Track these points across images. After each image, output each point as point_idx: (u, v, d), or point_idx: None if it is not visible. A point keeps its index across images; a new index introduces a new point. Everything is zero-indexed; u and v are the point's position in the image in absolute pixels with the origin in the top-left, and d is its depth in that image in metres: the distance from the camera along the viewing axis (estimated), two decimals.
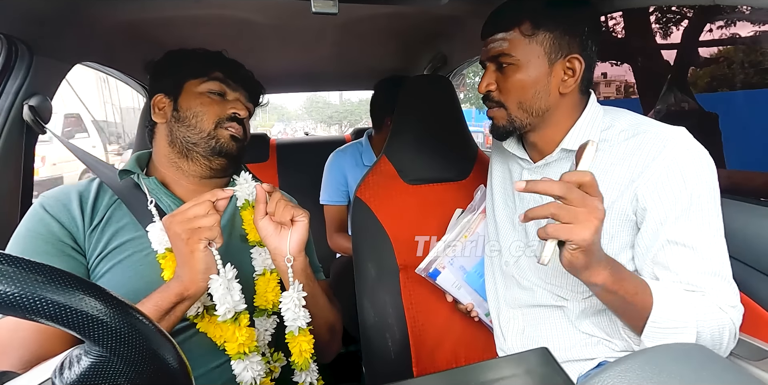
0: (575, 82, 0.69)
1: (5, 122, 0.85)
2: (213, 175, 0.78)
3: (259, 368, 0.69)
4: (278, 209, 0.70)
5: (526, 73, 0.68)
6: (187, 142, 0.74)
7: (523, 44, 0.68)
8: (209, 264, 0.63)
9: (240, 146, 0.78)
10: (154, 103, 0.78)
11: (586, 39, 0.68)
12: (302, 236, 0.71)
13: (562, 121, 0.72)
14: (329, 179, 1.60)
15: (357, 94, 30.22)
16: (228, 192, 0.65)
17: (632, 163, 0.65)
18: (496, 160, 0.91)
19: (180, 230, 0.61)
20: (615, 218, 0.67)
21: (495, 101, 0.73)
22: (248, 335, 0.68)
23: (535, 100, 0.70)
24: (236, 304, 0.66)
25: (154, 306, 0.60)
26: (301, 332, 0.71)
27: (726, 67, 1.92)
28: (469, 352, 0.99)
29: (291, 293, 0.70)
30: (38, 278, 0.27)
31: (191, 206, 0.63)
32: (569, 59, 0.68)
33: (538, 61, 0.68)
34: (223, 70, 0.78)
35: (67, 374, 0.30)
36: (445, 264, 0.89)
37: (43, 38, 0.86)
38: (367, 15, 1.12)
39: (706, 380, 0.29)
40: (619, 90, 2.89)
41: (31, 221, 0.67)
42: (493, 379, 0.47)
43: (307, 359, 0.72)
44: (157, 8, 1.00)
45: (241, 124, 0.77)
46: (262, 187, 0.71)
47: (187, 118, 0.74)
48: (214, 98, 0.76)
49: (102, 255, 0.68)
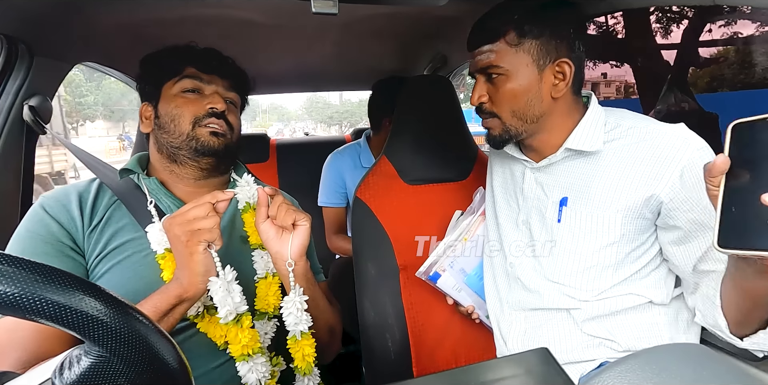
0: (566, 86, 0.69)
1: (5, 122, 0.85)
2: (206, 175, 0.77)
3: (264, 369, 0.69)
4: (280, 213, 0.69)
5: (517, 82, 0.68)
6: (172, 148, 0.73)
7: (510, 54, 0.68)
8: (208, 266, 0.62)
9: (226, 141, 0.75)
10: (141, 114, 0.77)
11: (573, 40, 0.68)
12: (303, 240, 0.70)
13: (559, 125, 0.72)
14: (327, 181, 1.60)
15: (357, 95, 30.26)
16: (228, 194, 0.65)
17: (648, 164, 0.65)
18: (495, 161, 0.91)
19: (180, 232, 0.61)
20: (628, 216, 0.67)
21: (488, 112, 0.73)
22: (251, 336, 0.68)
23: (529, 108, 0.70)
24: (237, 306, 0.66)
25: (152, 307, 0.59)
26: (304, 336, 0.71)
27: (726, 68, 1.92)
28: (469, 352, 0.99)
29: (293, 297, 0.70)
30: (38, 279, 0.27)
31: (191, 207, 0.63)
32: (558, 63, 0.68)
33: (527, 69, 0.68)
34: (195, 64, 0.75)
35: (67, 375, 0.30)
36: (445, 267, 0.88)
37: (43, 38, 0.86)
38: (367, 15, 1.12)
39: (707, 380, 0.29)
40: (619, 90, 2.89)
41: (31, 222, 0.67)
42: (494, 379, 0.47)
43: (309, 364, 0.72)
44: (157, 8, 1.00)
45: (221, 117, 0.74)
46: (264, 191, 0.70)
47: (166, 123, 0.73)
48: (189, 97, 0.74)
49: (101, 256, 0.68)
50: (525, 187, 0.80)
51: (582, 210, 0.71)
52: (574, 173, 0.73)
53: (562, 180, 0.74)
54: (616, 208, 0.67)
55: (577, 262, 0.71)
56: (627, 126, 0.69)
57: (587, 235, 0.70)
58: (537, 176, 0.78)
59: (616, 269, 0.69)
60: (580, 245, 0.71)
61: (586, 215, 0.70)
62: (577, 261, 0.71)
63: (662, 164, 0.64)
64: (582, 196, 0.71)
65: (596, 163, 0.70)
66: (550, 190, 0.76)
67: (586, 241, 0.70)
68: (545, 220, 0.76)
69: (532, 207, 0.79)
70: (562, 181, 0.74)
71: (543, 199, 0.77)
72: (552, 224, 0.75)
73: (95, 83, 23.96)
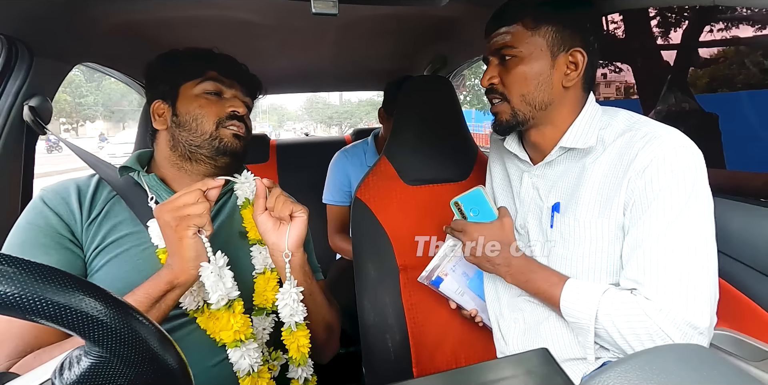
0: (578, 76, 0.69)
1: (5, 123, 0.86)
2: (217, 173, 0.78)
3: (256, 355, 0.69)
4: (278, 205, 0.70)
5: (529, 65, 0.69)
6: (191, 146, 0.75)
7: (526, 37, 0.68)
8: (199, 252, 0.63)
9: (244, 144, 0.78)
10: (154, 110, 0.78)
11: (588, 35, 0.69)
12: (301, 231, 0.71)
13: (564, 118, 0.72)
14: (332, 179, 1.60)
15: (357, 95, 30.29)
16: (219, 181, 0.66)
17: (623, 162, 0.65)
18: (494, 162, 0.91)
19: (169, 218, 0.62)
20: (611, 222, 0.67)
21: (498, 93, 0.73)
22: (243, 322, 0.68)
23: (538, 93, 0.70)
24: (229, 291, 0.67)
25: (144, 294, 0.60)
26: (299, 327, 0.72)
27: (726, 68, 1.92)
28: (469, 353, 0.99)
29: (288, 288, 0.71)
30: (38, 279, 0.27)
31: (181, 194, 0.64)
32: (572, 53, 0.68)
33: (541, 53, 0.68)
34: (216, 68, 0.78)
35: (67, 375, 0.30)
36: (447, 271, 0.88)
37: (43, 39, 0.86)
38: (367, 16, 1.12)
39: (707, 381, 0.29)
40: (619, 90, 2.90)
41: (31, 214, 0.68)
42: (494, 379, 0.47)
43: (304, 355, 0.72)
44: (157, 9, 1.00)
45: (242, 121, 0.77)
46: (262, 182, 0.71)
47: (188, 122, 0.74)
48: (211, 99, 0.76)
49: (99, 248, 0.68)
50: (522, 192, 0.80)
51: (570, 216, 0.71)
52: (566, 178, 0.73)
53: (557, 185, 0.74)
54: (599, 213, 0.67)
55: (571, 267, 0.71)
56: (617, 127, 0.69)
57: (577, 241, 0.70)
58: (534, 181, 0.78)
59: (609, 272, 0.69)
60: (571, 250, 0.71)
61: (574, 221, 0.70)
62: (571, 266, 0.71)
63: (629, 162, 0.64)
64: (571, 202, 0.71)
65: (584, 168, 0.70)
66: (545, 195, 0.76)
67: (577, 246, 0.70)
68: (541, 224, 0.76)
69: (529, 211, 0.79)
70: (557, 187, 0.74)
71: (539, 203, 0.77)
72: (546, 228, 0.75)
73: (95, 83, 23.98)
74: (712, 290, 0.59)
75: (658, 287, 0.60)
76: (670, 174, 0.61)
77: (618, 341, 0.63)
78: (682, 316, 0.58)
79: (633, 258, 0.63)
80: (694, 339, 0.59)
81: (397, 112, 1.06)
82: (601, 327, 0.64)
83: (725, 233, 0.70)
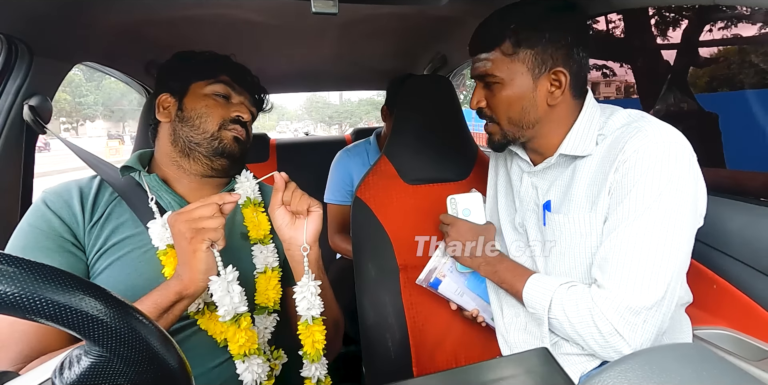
0: (562, 93, 0.69)
1: (5, 122, 0.85)
2: (214, 174, 0.78)
3: (260, 370, 0.69)
4: (295, 198, 0.70)
5: (511, 90, 0.70)
6: (190, 142, 0.75)
7: (505, 63, 0.69)
8: (210, 265, 0.63)
9: (242, 148, 0.78)
10: (159, 102, 0.79)
11: (571, 48, 0.68)
12: (317, 226, 0.71)
13: (557, 129, 0.72)
14: (334, 178, 1.60)
15: (357, 95, 30.26)
16: (235, 196, 0.66)
17: (610, 156, 0.66)
18: (497, 161, 0.92)
19: (184, 229, 0.62)
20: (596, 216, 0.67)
21: (487, 116, 0.75)
22: (248, 336, 0.68)
23: (524, 115, 0.71)
24: (237, 306, 0.67)
25: (153, 304, 0.60)
26: (315, 321, 0.71)
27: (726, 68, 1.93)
28: (469, 352, 0.99)
29: (306, 281, 0.70)
30: (38, 278, 0.27)
31: (198, 206, 0.63)
32: (554, 72, 0.68)
33: (522, 77, 0.69)
34: (230, 74, 0.79)
35: (67, 375, 0.30)
36: (445, 272, 0.88)
37: (43, 38, 0.86)
38: (367, 15, 1.12)
39: (706, 380, 0.29)
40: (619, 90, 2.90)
41: (33, 217, 0.67)
42: (494, 379, 0.47)
43: (318, 351, 0.72)
44: (157, 8, 1.00)
45: (244, 126, 0.78)
46: (280, 176, 0.70)
47: (191, 118, 0.75)
48: (219, 100, 0.77)
49: (101, 251, 0.68)
50: (522, 191, 0.81)
51: (561, 213, 0.71)
52: (562, 177, 0.74)
53: (554, 184, 0.75)
54: (591, 208, 0.68)
55: (567, 264, 0.72)
56: (613, 126, 0.69)
57: (569, 237, 0.71)
58: (534, 180, 0.78)
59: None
60: (566, 247, 0.71)
61: (563, 217, 0.71)
62: (566, 262, 0.72)
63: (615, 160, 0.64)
64: (565, 199, 0.71)
65: (576, 166, 0.71)
66: (543, 194, 0.76)
67: (570, 243, 0.71)
68: (538, 223, 0.77)
69: (527, 210, 0.79)
70: (554, 186, 0.75)
71: (537, 202, 0.78)
72: (542, 227, 0.76)
73: (95, 83, 23.98)
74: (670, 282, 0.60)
75: (612, 274, 0.62)
76: (645, 167, 0.61)
77: (567, 330, 0.65)
78: (627, 302, 0.60)
79: (601, 247, 0.65)
80: (637, 326, 0.60)
81: (397, 112, 1.06)
82: (554, 316, 0.67)
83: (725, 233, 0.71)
